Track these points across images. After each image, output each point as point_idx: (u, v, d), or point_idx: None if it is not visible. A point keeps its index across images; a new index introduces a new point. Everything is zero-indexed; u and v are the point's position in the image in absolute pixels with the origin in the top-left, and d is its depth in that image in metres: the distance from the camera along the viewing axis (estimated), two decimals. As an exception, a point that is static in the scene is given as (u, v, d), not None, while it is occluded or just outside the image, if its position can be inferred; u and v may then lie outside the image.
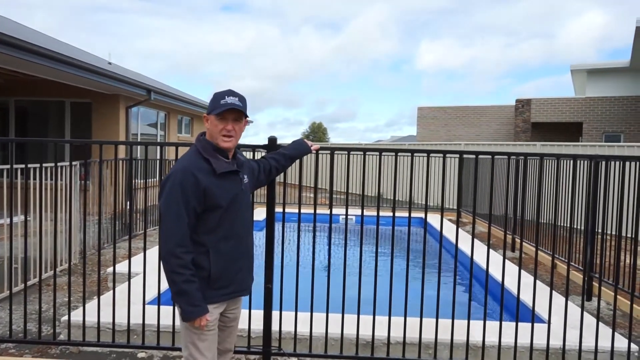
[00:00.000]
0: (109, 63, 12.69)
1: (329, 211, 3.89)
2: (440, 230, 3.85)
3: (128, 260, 3.89)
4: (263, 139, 3.54)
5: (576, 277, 6.44)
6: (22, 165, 4.64)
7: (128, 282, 3.82)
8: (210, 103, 2.54)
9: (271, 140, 3.46)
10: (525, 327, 3.82)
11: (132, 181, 4.54)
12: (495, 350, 3.75)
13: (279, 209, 3.67)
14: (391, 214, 3.88)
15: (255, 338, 3.84)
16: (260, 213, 8.81)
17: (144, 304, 3.82)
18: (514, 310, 3.93)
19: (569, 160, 6.70)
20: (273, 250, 3.58)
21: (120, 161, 8.42)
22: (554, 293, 4.03)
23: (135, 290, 4.01)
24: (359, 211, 9.16)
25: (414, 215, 7.82)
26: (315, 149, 3.27)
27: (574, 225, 4.13)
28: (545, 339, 3.67)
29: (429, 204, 12.42)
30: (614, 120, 17.95)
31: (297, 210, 3.79)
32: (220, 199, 2.46)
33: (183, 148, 3.10)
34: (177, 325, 3.63)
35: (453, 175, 12.86)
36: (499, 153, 3.75)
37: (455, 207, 12.05)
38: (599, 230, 5.51)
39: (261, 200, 9.18)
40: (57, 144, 3.73)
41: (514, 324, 3.73)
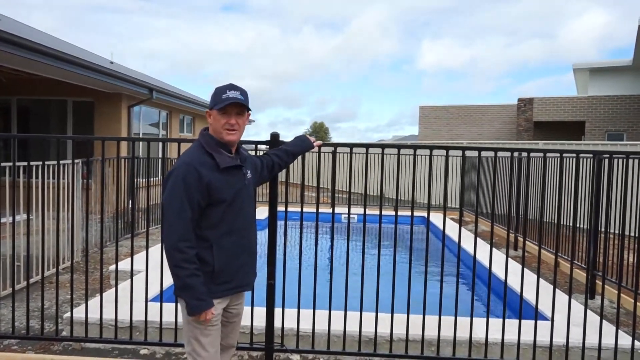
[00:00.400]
0: (111, 62, 12.70)
1: (330, 210, 3.88)
2: (443, 229, 3.84)
3: (130, 257, 3.89)
4: (264, 139, 3.53)
5: (579, 276, 6.43)
6: (25, 163, 4.64)
7: (130, 280, 3.82)
8: (211, 98, 2.53)
9: (273, 136, 3.45)
10: (528, 324, 3.81)
11: (134, 179, 4.54)
12: (498, 347, 3.74)
13: (281, 208, 3.66)
14: (393, 212, 3.87)
15: (257, 335, 3.84)
16: (262, 212, 8.80)
17: (147, 301, 3.82)
18: (517, 308, 3.92)
19: (572, 159, 6.69)
20: (275, 246, 3.58)
21: (122, 159, 8.42)
22: (557, 291, 4.02)
23: (138, 288, 4.00)
24: (361, 210, 9.15)
25: (416, 214, 7.81)
26: (317, 144, 3.27)
27: (577, 224, 4.11)
28: (549, 336, 3.65)
29: (432, 203, 12.42)
30: (616, 119, 17.90)
31: (300, 209, 3.79)
32: (223, 193, 2.45)
33: (185, 145, 3.09)
34: (180, 321, 3.63)
35: (456, 174, 12.84)
36: (502, 149, 3.74)
37: (458, 207, 12.02)
38: (602, 228, 5.50)
39: (263, 199, 9.18)
40: (60, 140, 3.73)
41: (517, 321, 3.72)
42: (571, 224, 3.94)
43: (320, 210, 3.89)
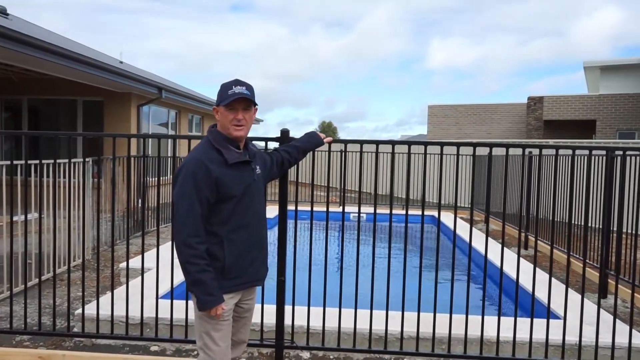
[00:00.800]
0: (120, 62, 12.77)
1: (340, 209, 3.87)
2: (454, 228, 3.81)
3: (141, 255, 3.90)
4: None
5: (591, 275, 6.35)
6: (37, 161, 4.68)
7: (141, 277, 3.83)
8: (218, 94, 2.54)
9: (283, 132, 3.44)
10: (540, 323, 3.78)
11: (144, 178, 4.56)
12: (509, 345, 3.71)
13: (291, 207, 3.66)
14: (404, 212, 3.85)
15: (267, 332, 3.84)
16: (272, 211, 8.80)
17: (157, 298, 3.83)
18: (529, 307, 3.89)
19: (584, 157, 6.62)
20: (286, 243, 3.58)
21: (132, 158, 8.46)
22: (569, 290, 3.98)
23: (148, 285, 4.01)
24: (371, 209, 9.11)
25: (427, 213, 7.76)
26: (327, 141, 3.26)
27: (590, 223, 4.07)
28: (561, 334, 3.62)
29: (442, 202, 12.37)
30: (628, 118, 17.72)
31: (310, 208, 3.78)
32: (232, 189, 2.45)
33: (195, 141, 3.10)
34: (190, 318, 3.63)
35: (466, 173, 12.76)
36: (514, 145, 3.71)
37: (468, 206, 11.95)
38: (615, 227, 5.44)
39: (273, 198, 9.18)
40: (71, 138, 3.76)
41: (529, 319, 3.68)
42: (583, 223, 3.89)
43: (329, 209, 3.88)
